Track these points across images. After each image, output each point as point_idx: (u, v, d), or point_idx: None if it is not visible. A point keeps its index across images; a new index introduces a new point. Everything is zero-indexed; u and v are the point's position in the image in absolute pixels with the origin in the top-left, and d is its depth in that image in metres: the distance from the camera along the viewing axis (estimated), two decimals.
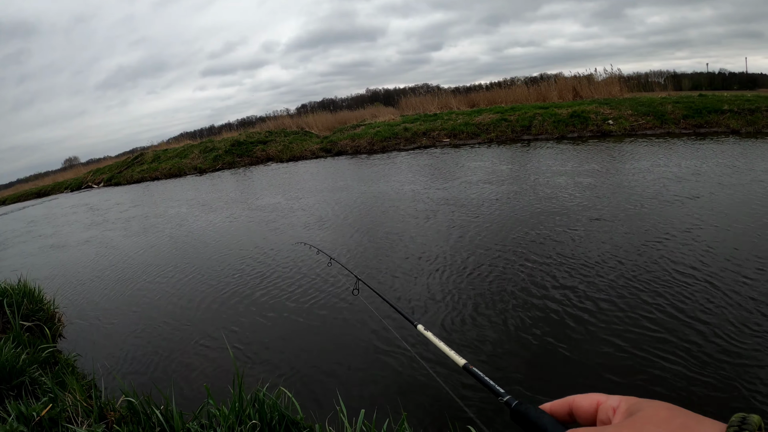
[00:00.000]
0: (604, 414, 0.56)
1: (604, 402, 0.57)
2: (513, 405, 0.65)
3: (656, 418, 0.48)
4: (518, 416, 0.64)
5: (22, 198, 29.19)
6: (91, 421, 2.69)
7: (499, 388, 0.74)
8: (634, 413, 0.51)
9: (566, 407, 0.61)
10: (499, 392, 0.73)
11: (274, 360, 4.03)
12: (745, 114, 13.38)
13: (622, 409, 0.54)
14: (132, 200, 16.48)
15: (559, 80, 22.27)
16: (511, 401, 0.67)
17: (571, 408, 0.60)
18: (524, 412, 0.63)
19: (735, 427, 0.44)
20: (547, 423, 0.60)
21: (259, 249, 7.21)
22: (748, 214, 5.84)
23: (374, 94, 40.96)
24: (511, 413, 0.65)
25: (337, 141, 19.51)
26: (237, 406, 2.58)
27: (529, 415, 0.62)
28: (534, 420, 0.61)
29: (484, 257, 5.54)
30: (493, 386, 0.76)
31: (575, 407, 0.60)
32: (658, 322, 3.71)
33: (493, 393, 0.74)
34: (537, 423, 0.61)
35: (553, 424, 0.59)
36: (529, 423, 0.62)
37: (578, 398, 0.60)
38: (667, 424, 0.47)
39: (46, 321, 5.00)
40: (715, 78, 24.50)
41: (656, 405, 0.51)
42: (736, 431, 0.43)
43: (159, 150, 26.56)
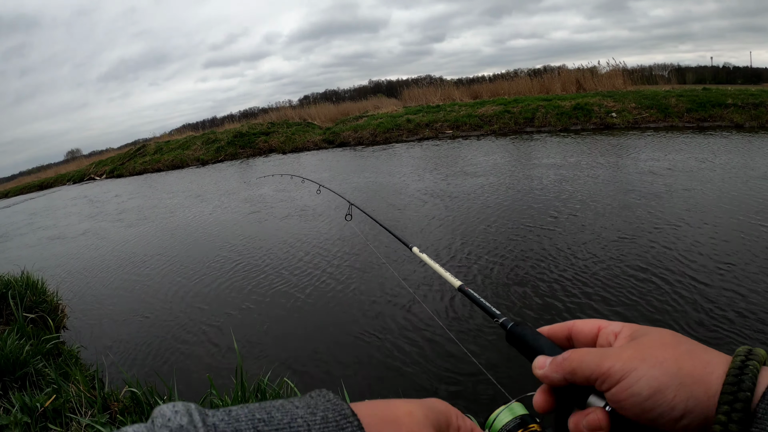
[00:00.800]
0: (605, 339, 0.54)
1: (605, 327, 0.55)
2: (509, 326, 0.62)
3: (661, 343, 0.47)
4: (514, 338, 0.60)
5: (24, 190, 29.20)
6: (94, 412, 2.72)
7: (494, 309, 0.70)
8: (637, 338, 0.50)
9: (565, 331, 0.58)
10: (494, 313, 0.68)
11: (278, 346, 4.06)
12: (749, 108, 13.29)
13: (624, 334, 0.52)
14: (130, 192, 16.51)
15: (562, 72, 22.13)
16: (507, 323, 0.62)
17: (571, 332, 0.58)
18: (521, 333, 0.60)
19: (741, 356, 0.44)
20: (544, 345, 0.57)
21: (257, 240, 7.23)
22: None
23: (377, 86, 40.85)
24: (507, 335, 0.62)
25: (340, 132, 19.46)
26: (239, 396, 2.60)
27: (525, 336, 0.59)
28: (531, 342, 0.58)
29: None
30: (489, 307, 0.72)
31: (575, 332, 0.57)
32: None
33: (488, 314, 0.70)
34: (534, 345, 0.57)
35: (550, 346, 0.56)
36: (525, 345, 0.58)
37: (578, 323, 0.58)
38: (673, 349, 0.46)
39: (50, 312, 5.03)
40: (719, 72, 24.35)
41: (661, 331, 0.50)
42: (743, 360, 0.43)
43: (161, 141, 26.51)
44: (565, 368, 0.51)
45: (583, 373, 0.49)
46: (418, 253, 1.24)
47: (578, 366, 0.49)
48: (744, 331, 3.41)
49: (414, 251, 1.30)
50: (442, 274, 0.98)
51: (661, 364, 0.45)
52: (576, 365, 0.50)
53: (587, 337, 0.56)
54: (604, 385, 0.47)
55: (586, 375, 0.49)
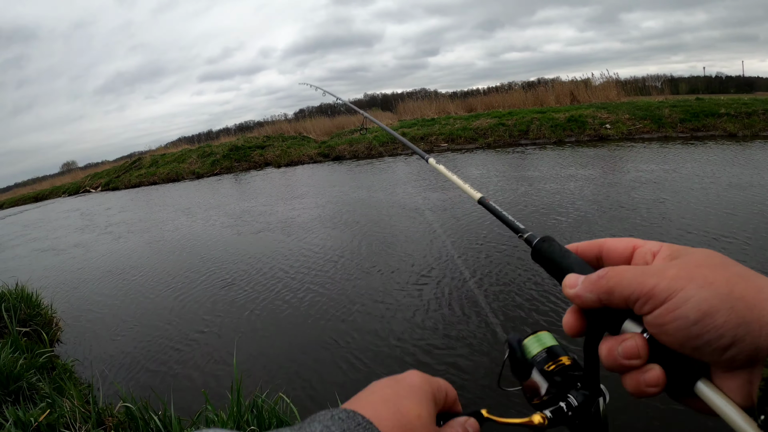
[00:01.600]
0: (642, 258, 0.49)
1: (641, 246, 0.50)
2: (534, 242, 0.56)
3: (709, 263, 0.42)
4: (540, 255, 0.55)
5: (19, 202, 29.05)
6: (89, 427, 2.68)
7: (518, 224, 0.63)
8: (679, 257, 0.45)
9: (595, 250, 0.53)
10: (518, 228, 0.62)
11: (275, 361, 4.03)
12: (742, 117, 13.42)
13: (664, 254, 0.47)
14: (122, 206, 16.54)
15: (556, 85, 22.34)
16: (532, 238, 0.57)
17: (602, 251, 0.52)
18: (548, 249, 0.54)
19: None
20: (574, 262, 0.51)
21: (252, 257, 7.21)
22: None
23: (372, 99, 41.02)
24: (533, 252, 0.56)
25: (335, 146, 19.51)
26: (235, 412, 2.58)
27: (553, 253, 0.53)
28: (559, 259, 0.52)
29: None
30: (512, 221, 0.65)
31: (606, 250, 0.52)
32: None
33: (512, 229, 0.64)
34: (562, 263, 0.52)
35: (580, 264, 0.51)
36: (553, 263, 0.53)
37: (610, 241, 0.52)
38: (723, 270, 0.41)
39: (44, 326, 4.98)
40: (712, 82, 24.61)
41: (707, 251, 0.44)
42: None
43: (157, 154, 26.51)
44: (602, 287, 0.45)
45: (623, 292, 0.44)
46: (434, 165, 1.21)
47: (617, 284, 0.44)
48: None
49: (430, 162, 1.27)
50: (461, 186, 0.91)
51: (711, 284, 0.39)
52: (614, 283, 0.44)
53: (621, 256, 0.51)
54: (645, 307, 0.42)
55: (626, 295, 0.43)
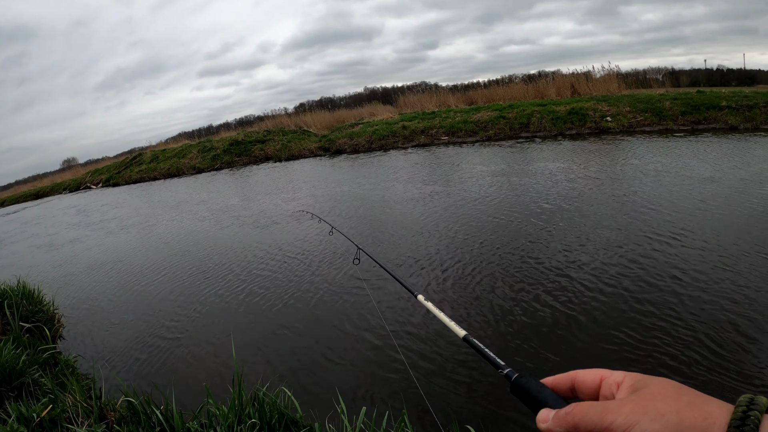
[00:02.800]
0: (608, 389, 0.55)
1: (607, 377, 0.56)
2: (513, 378, 0.63)
3: (662, 394, 0.47)
4: (518, 389, 0.62)
5: (20, 199, 29.11)
6: (91, 422, 2.70)
7: (499, 360, 0.71)
8: (639, 389, 0.50)
9: (568, 382, 0.59)
10: (499, 364, 0.70)
11: (277, 355, 4.04)
12: (743, 110, 13.37)
13: (626, 385, 0.53)
14: (117, 202, 16.67)
15: (557, 77, 22.26)
16: (512, 374, 0.64)
17: (574, 383, 0.59)
18: (525, 385, 0.61)
19: (743, 407, 0.43)
20: (548, 397, 0.58)
21: (250, 249, 7.22)
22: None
23: (372, 93, 40.89)
24: (511, 386, 0.63)
25: (336, 140, 19.49)
26: (237, 405, 2.59)
27: (529, 388, 0.60)
28: (535, 394, 0.59)
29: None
30: (494, 358, 0.73)
31: (578, 382, 0.58)
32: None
33: (493, 365, 0.71)
34: (537, 397, 0.59)
35: (554, 398, 0.57)
36: (529, 396, 0.60)
37: (581, 373, 0.59)
38: (674, 401, 0.46)
39: (46, 322, 4.99)
40: (713, 74, 24.48)
41: (662, 381, 0.50)
42: (744, 411, 0.43)
43: (157, 150, 26.52)
44: (568, 422, 0.51)
45: (586, 427, 0.49)
46: (423, 302, 1.23)
47: (581, 420, 0.50)
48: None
49: (419, 299, 1.29)
50: (447, 324, 0.97)
51: (662, 416, 0.45)
52: (579, 419, 0.50)
53: (590, 387, 0.57)
54: None
55: (589, 429, 0.49)
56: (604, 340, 3.58)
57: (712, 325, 3.56)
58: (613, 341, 3.54)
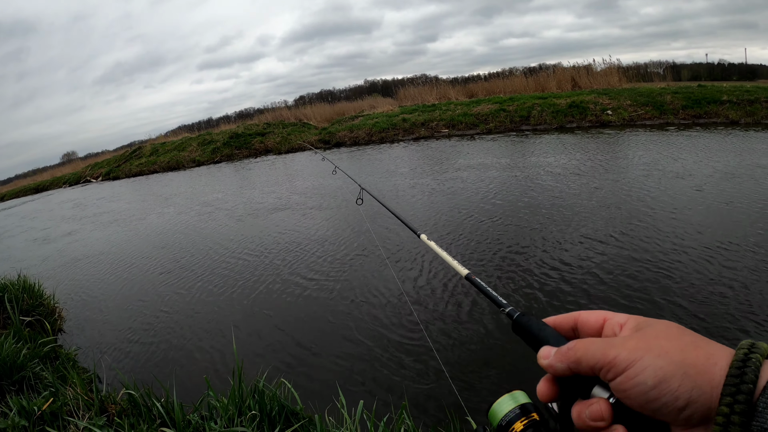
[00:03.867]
0: (611, 329, 0.55)
1: (611, 318, 0.56)
2: (515, 316, 0.63)
3: (666, 334, 0.48)
4: (520, 328, 0.62)
5: (20, 194, 29.04)
6: (92, 414, 2.71)
7: (501, 299, 0.71)
8: (642, 329, 0.51)
9: (571, 322, 0.59)
10: (501, 303, 0.70)
11: (276, 346, 4.06)
12: (744, 105, 13.33)
13: (629, 325, 0.53)
14: (118, 194, 16.77)
15: (557, 70, 22.18)
16: (513, 312, 0.64)
17: (576, 323, 0.59)
18: (526, 323, 0.61)
19: (744, 349, 0.44)
20: (550, 335, 0.58)
21: (251, 243, 7.22)
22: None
23: (372, 85, 40.69)
24: (513, 325, 0.63)
25: (336, 132, 19.44)
26: (237, 397, 2.60)
27: (531, 326, 0.60)
28: (536, 332, 0.59)
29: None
30: (495, 297, 0.73)
31: (580, 322, 0.58)
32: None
33: (495, 304, 0.71)
34: (539, 335, 0.59)
35: (555, 337, 0.57)
36: (530, 335, 0.60)
37: (584, 314, 0.59)
38: (678, 340, 0.47)
39: (47, 316, 5.01)
40: (714, 69, 24.37)
41: (666, 323, 0.50)
42: (746, 353, 0.44)
43: (157, 143, 26.42)
44: (570, 358, 0.51)
45: (588, 362, 0.49)
46: (426, 241, 1.24)
47: (583, 355, 0.50)
48: None
49: (422, 239, 1.29)
50: (450, 262, 0.98)
51: (666, 353, 0.45)
52: (581, 354, 0.50)
53: (593, 327, 0.57)
54: (609, 375, 0.48)
55: (591, 364, 0.49)
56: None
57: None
58: None
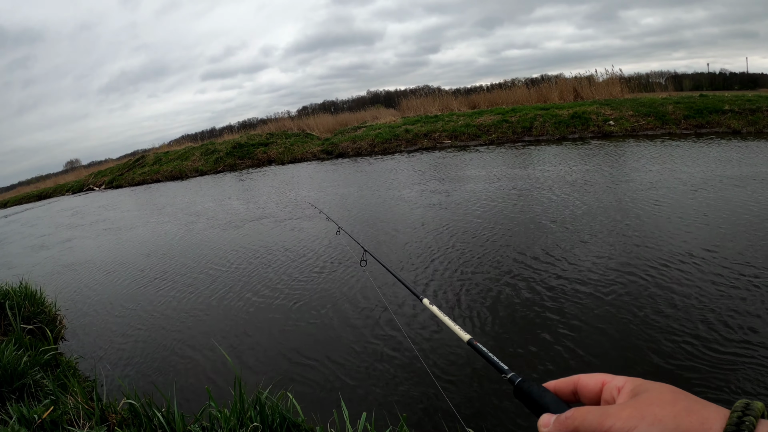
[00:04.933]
0: (609, 394, 0.56)
1: (609, 382, 0.57)
2: (516, 382, 0.65)
3: (660, 400, 0.48)
4: (521, 393, 0.63)
5: (23, 200, 29.19)
6: (92, 424, 2.69)
7: (502, 365, 0.72)
8: (638, 394, 0.51)
9: (571, 386, 0.61)
10: (502, 369, 0.71)
11: (279, 358, 4.03)
12: (746, 114, 13.36)
13: (626, 390, 0.54)
14: (113, 203, 16.84)
15: (559, 81, 22.28)
16: (515, 378, 0.66)
17: (576, 387, 0.60)
18: (527, 389, 0.63)
19: (738, 412, 0.44)
20: (550, 401, 0.59)
21: (260, 250, 7.21)
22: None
23: (375, 96, 40.97)
24: (515, 390, 0.65)
25: (338, 143, 19.51)
26: (238, 408, 2.58)
27: (532, 392, 0.62)
28: (537, 398, 0.61)
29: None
30: (497, 363, 0.74)
31: (580, 386, 0.60)
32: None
33: (497, 369, 0.73)
34: (540, 401, 0.60)
35: (556, 402, 0.59)
36: (532, 401, 0.61)
37: (583, 377, 0.60)
38: (672, 406, 0.47)
39: (48, 323, 5.00)
40: (716, 78, 24.47)
41: (661, 387, 0.51)
42: (740, 416, 0.44)
43: (160, 152, 26.55)
44: (568, 427, 0.53)
45: (586, 431, 0.51)
46: (428, 305, 1.23)
47: (580, 424, 0.51)
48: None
49: (424, 303, 1.28)
50: (452, 328, 0.98)
51: (659, 422, 0.46)
52: (578, 423, 0.52)
53: (592, 392, 0.59)
54: None
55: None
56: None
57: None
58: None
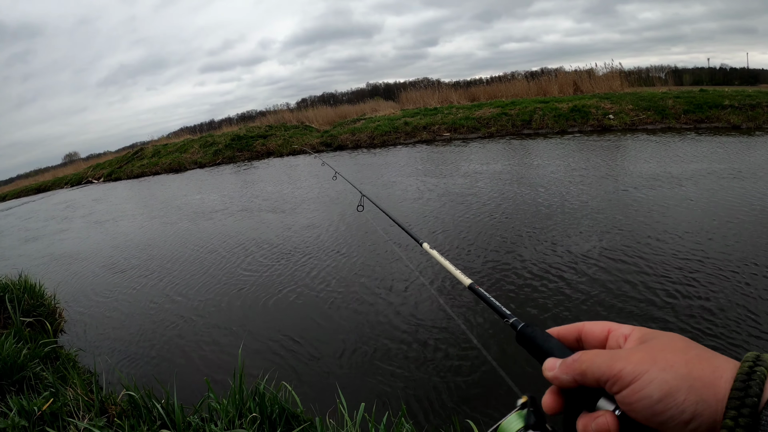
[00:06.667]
0: (615, 341, 0.54)
1: (615, 329, 0.56)
2: (519, 327, 0.63)
3: (671, 347, 0.47)
4: (524, 339, 0.61)
5: (22, 194, 29.07)
6: (92, 416, 2.70)
7: (504, 309, 0.70)
8: (647, 341, 0.50)
9: (575, 333, 0.59)
10: (504, 313, 0.69)
11: (277, 346, 4.05)
12: (746, 109, 13.32)
13: (634, 337, 0.53)
14: (108, 196, 16.76)
15: (559, 74, 22.16)
16: (517, 323, 0.63)
17: (581, 334, 0.58)
18: (530, 334, 0.60)
19: (749, 362, 0.44)
20: (554, 346, 0.57)
21: (252, 241, 7.22)
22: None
23: (374, 88, 40.83)
24: (517, 335, 0.62)
25: (338, 135, 19.45)
26: (237, 400, 2.60)
27: (535, 337, 0.59)
28: (540, 343, 0.58)
29: None
30: (499, 307, 0.72)
31: (585, 333, 0.58)
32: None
33: (498, 314, 0.71)
34: (543, 346, 0.58)
35: (560, 348, 0.57)
36: (535, 346, 0.59)
37: (588, 324, 0.58)
38: (683, 353, 0.46)
39: (47, 316, 5.01)
40: (716, 73, 24.41)
41: (671, 335, 0.50)
42: (750, 366, 0.43)
43: (159, 145, 26.44)
44: (576, 369, 0.51)
45: (594, 374, 0.49)
46: (428, 250, 1.23)
47: (588, 367, 0.50)
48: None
49: (425, 247, 1.28)
50: (453, 272, 0.97)
51: (671, 367, 0.45)
52: (586, 367, 0.50)
53: (597, 339, 0.57)
54: (614, 387, 0.47)
55: (597, 377, 0.49)
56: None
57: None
58: None
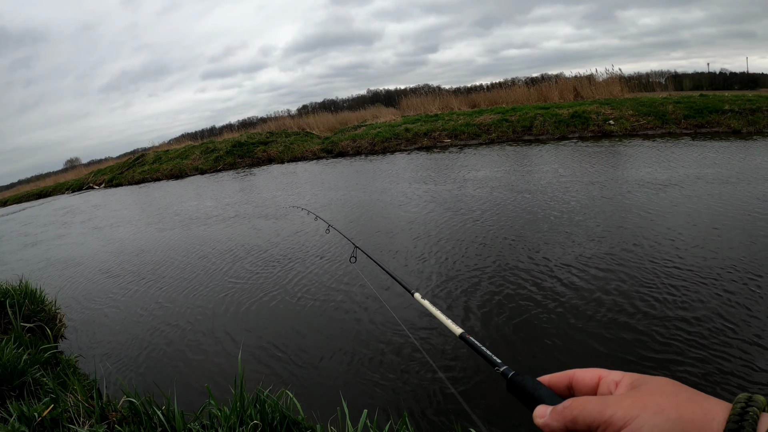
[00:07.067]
0: (606, 388, 0.54)
1: (605, 376, 0.56)
2: (510, 376, 0.63)
3: (662, 391, 0.48)
4: (515, 387, 0.61)
5: (23, 199, 29.15)
6: (92, 422, 2.69)
7: (495, 358, 0.70)
8: (637, 387, 0.50)
9: (566, 380, 0.59)
10: (495, 362, 0.69)
11: (279, 355, 4.04)
12: (746, 114, 13.36)
13: (624, 383, 0.53)
14: (107, 202, 16.79)
15: (560, 80, 22.29)
16: (508, 372, 0.63)
17: (571, 381, 0.58)
18: (521, 383, 0.60)
19: (741, 403, 0.44)
20: (545, 394, 0.57)
21: (254, 246, 7.21)
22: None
23: (375, 95, 41.03)
24: (508, 384, 0.62)
25: (338, 142, 19.50)
26: (238, 407, 2.58)
27: (526, 385, 0.59)
28: (531, 391, 0.58)
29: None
30: (490, 356, 0.72)
31: (575, 381, 0.58)
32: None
33: (490, 363, 0.70)
34: (534, 394, 0.58)
35: (550, 396, 0.57)
36: (526, 394, 0.59)
37: (579, 372, 0.58)
38: (674, 397, 0.46)
39: (48, 322, 5.00)
40: (716, 78, 24.50)
41: (661, 380, 0.50)
42: (743, 407, 0.43)
43: (160, 151, 26.51)
44: (566, 416, 0.51)
45: (585, 420, 0.49)
46: (419, 299, 1.23)
47: (579, 414, 0.50)
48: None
49: (416, 297, 1.28)
50: (444, 322, 0.97)
51: (662, 411, 0.45)
52: (577, 413, 0.50)
53: (588, 386, 0.57)
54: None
55: (588, 423, 0.49)
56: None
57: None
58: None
